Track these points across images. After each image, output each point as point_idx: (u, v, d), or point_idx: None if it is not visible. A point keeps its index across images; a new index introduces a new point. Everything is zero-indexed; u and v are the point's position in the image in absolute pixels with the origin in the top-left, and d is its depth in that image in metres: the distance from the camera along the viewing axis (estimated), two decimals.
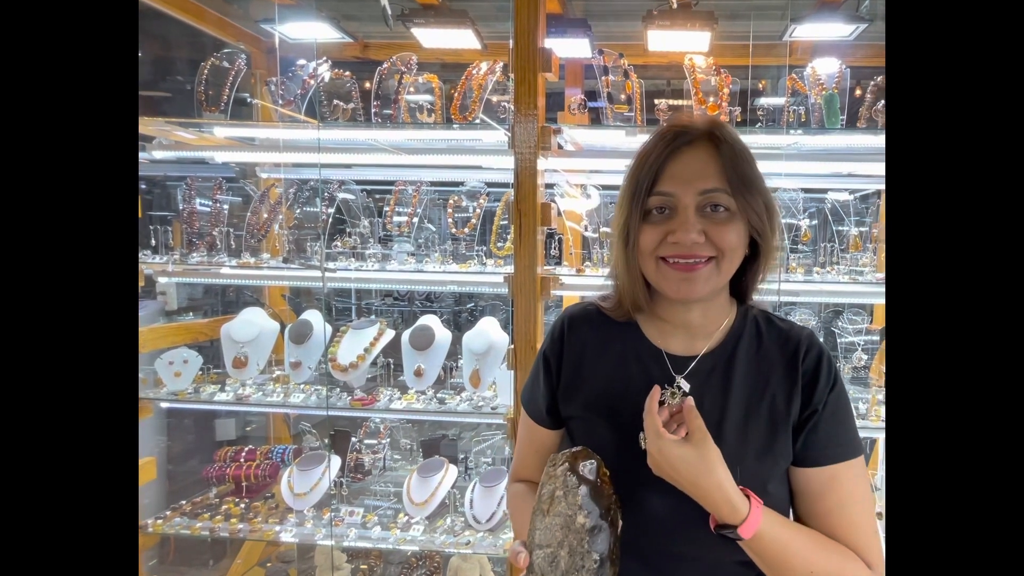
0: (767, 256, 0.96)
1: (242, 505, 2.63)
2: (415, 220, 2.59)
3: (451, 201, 2.58)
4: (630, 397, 0.93)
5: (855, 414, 0.99)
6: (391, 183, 2.68)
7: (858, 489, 0.92)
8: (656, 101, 2.29)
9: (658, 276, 0.92)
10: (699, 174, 0.89)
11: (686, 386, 0.93)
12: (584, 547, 0.80)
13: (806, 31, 2.47)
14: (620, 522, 0.85)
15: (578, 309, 1.06)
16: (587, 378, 1.00)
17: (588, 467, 0.83)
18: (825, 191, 2.48)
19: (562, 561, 0.81)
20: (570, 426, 1.02)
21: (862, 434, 2.33)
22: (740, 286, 1.00)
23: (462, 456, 2.60)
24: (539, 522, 0.83)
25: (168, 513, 2.60)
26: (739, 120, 2.28)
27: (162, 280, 2.92)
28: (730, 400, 0.94)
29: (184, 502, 2.68)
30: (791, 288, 2.32)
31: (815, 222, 2.44)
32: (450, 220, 2.56)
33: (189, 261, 2.62)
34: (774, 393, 0.94)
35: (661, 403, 0.88)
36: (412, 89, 2.44)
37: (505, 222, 2.52)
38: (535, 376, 1.08)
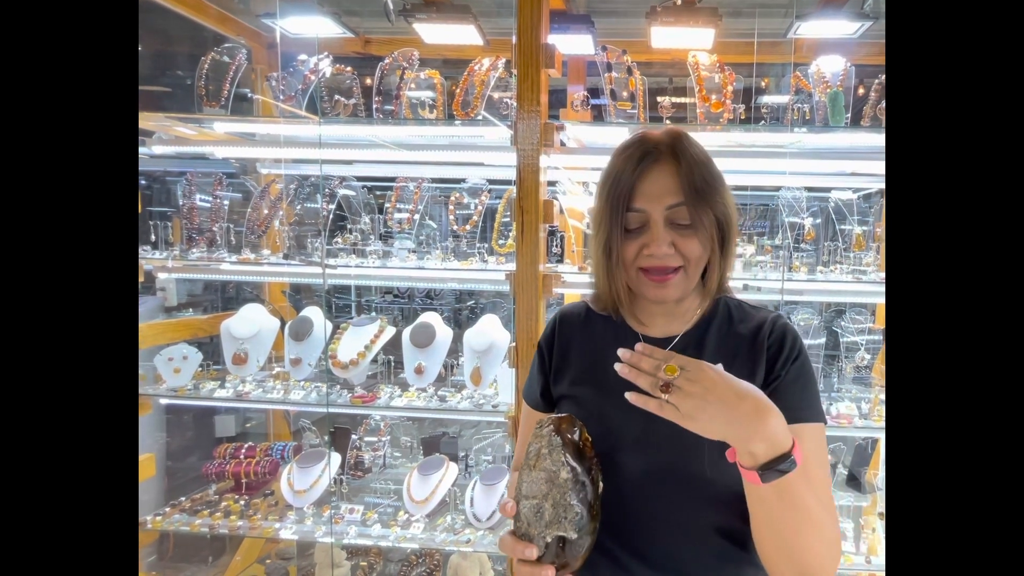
0: (729, 251, 1.05)
1: (242, 502, 2.62)
2: (416, 217, 2.58)
3: (452, 198, 2.57)
4: (610, 373, 0.96)
5: (858, 413, 1.04)
6: (392, 180, 2.67)
7: (819, 452, 0.98)
8: (659, 99, 2.28)
9: (638, 283, 1.02)
10: (665, 190, 0.98)
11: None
12: (566, 500, 0.87)
13: (810, 28, 2.46)
14: (600, 481, 0.93)
15: (569, 306, 1.20)
16: (573, 361, 1.12)
17: (572, 431, 0.92)
18: (828, 190, 2.47)
19: (546, 512, 0.88)
20: (560, 405, 1.12)
21: (863, 433, 2.33)
22: (709, 276, 1.07)
23: (462, 454, 2.59)
24: (526, 476, 0.90)
25: (167, 510, 2.59)
26: (743, 117, 2.26)
27: (162, 276, 2.90)
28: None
29: (184, 499, 2.67)
30: (794, 287, 2.31)
31: (818, 221, 2.42)
32: (451, 217, 2.55)
33: (189, 257, 2.60)
34: (741, 365, 1.01)
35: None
36: (413, 85, 2.42)
37: (507, 219, 2.51)
38: (532, 367, 1.21)
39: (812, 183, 2.49)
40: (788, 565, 0.88)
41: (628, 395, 0.85)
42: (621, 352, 0.89)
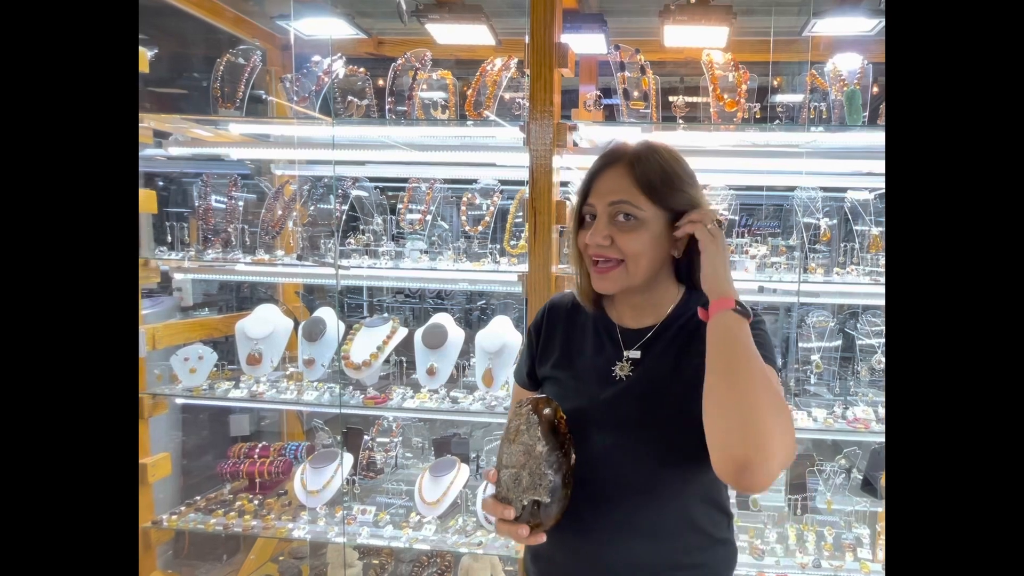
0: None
1: (256, 502, 2.64)
2: (428, 218, 2.58)
3: (464, 199, 2.56)
4: (587, 357, 1.17)
5: (875, 417, 1.10)
6: (404, 180, 2.67)
7: (772, 382, 1.02)
8: (671, 98, 2.25)
9: (591, 273, 1.13)
10: (612, 188, 1.09)
11: (636, 355, 1.14)
12: (541, 470, 1.00)
13: (826, 26, 2.42)
14: (573, 455, 1.05)
15: (559, 296, 1.30)
16: (557, 345, 1.22)
17: (548, 410, 1.04)
18: (844, 190, 2.43)
19: (523, 480, 1.00)
20: (544, 385, 1.23)
21: (880, 439, 2.28)
22: (691, 275, 1.15)
23: (473, 455, 2.59)
24: (506, 448, 1.03)
25: (183, 509, 2.62)
26: (758, 116, 2.23)
27: (178, 276, 2.93)
28: (667, 360, 1.12)
29: (198, 498, 2.69)
30: (810, 288, 2.28)
31: (834, 221, 2.38)
32: (463, 218, 2.54)
33: (204, 257, 2.62)
34: (696, 349, 1.06)
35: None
36: (425, 86, 2.42)
37: (519, 220, 2.50)
38: (522, 349, 1.35)
39: (827, 183, 2.45)
40: (740, 433, 0.89)
41: (690, 217, 1.08)
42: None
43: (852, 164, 2.47)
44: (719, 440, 0.92)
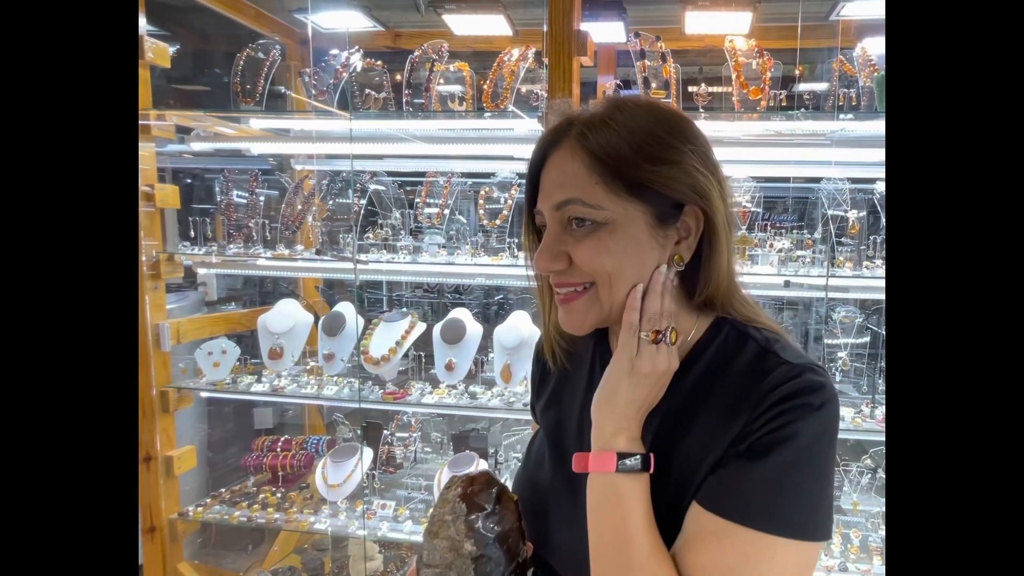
0: (716, 251, 0.76)
1: (278, 494, 2.67)
2: (446, 211, 2.56)
3: (482, 192, 2.54)
4: (574, 405, 0.87)
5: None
6: (422, 174, 2.66)
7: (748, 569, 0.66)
8: (690, 88, 2.19)
9: (557, 305, 0.80)
10: (555, 184, 0.75)
11: None
12: (471, 574, 0.76)
13: (856, 9, 2.32)
14: (524, 548, 0.79)
15: None
16: (552, 379, 0.95)
17: (484, 494, 0.77)
18: (873, 181, 2.34)
19: None
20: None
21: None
22: (703, 292, 0.79)
23: (492, 450, 2.57)
24: (427, 543, 0.78)
25: (208, 501, 2.66)
26: (783, 104, 2.16)
27: (201, 271, 2.97)
28: (676, 423, 0.77)
29: (223, 490, 2.73)
30: (838, 283, 2.21)
31: (863, 213, 2.30)
32: (481, 212, 2.52)
33: (227, 252, 2.65)
34: (718, 416, 0.73)
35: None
36: (442, 80, 2.39)
37: None
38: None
39: (855, 174, 2.35)
40: None
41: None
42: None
43: (882, 154, 2.37)
44: None
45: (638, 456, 0.71)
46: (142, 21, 2.31)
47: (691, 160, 0.73)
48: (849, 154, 2.33)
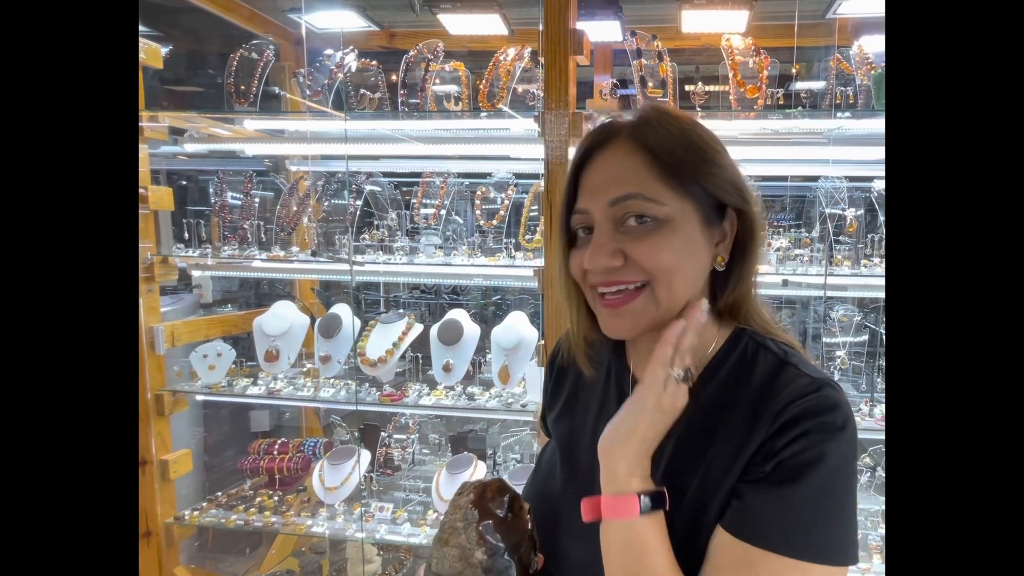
0: (749, 257, 0.77)
1: (275, 498, 2.65)
2: (443, 212, 2.55)
3: (479, 192, 2.52)
4: (588, 419, 0.85)
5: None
6: (418, 175, 2.64)
7: None
8: (687, 87, 2.18)
9: (597, 310, 0.78)
10: (610, 180, 0.74)
11: None
12: None
13: (853, 6, 2.32)
14: (536, 559, 0.77)
15: None
16: (566, 389, 0.93)
17: (498, 501, 0.76)
18: (871, 179, 2.33)
19: None
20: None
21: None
22: (728, 298, 0.79)
23: (490, 451, 2.56)
24: (436, 551, 0.76)
25: (204, 504, 2.64)
26: (781, 102, 2.15)
27: (195, 273, 2.95)
28: (696, 436, 0.76)
29: (220, 493, 2.72)
30: (836, 282, 2.20)
31: (860, 212, 2.29)
32: (477, 212, 2.50)
33: (221, 254, 2.63)
34: (729, 432, 0.73)
35: None
36: (438, 80, 2.38)
37: (534, 214, 2.45)
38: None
39: (853, 172, 2.35)
40: None
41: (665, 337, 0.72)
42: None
43: (879, 152, 2.37)
44: None
45: (654, 494, 0.70)
46: None
47: (731, 164, 0.76)
48: (846, 152, 2.33)
